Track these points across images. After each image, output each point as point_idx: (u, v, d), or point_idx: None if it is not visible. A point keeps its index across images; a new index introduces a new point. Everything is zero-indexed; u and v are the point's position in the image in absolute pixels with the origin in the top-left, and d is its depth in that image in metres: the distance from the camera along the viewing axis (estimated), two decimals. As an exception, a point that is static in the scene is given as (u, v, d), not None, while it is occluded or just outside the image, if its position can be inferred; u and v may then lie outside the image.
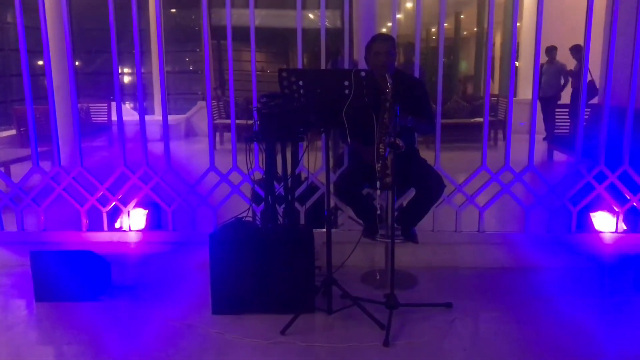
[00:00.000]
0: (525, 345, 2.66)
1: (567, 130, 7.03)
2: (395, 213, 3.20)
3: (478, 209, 3.64)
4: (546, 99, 8.18)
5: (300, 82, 2.69)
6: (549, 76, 8.50)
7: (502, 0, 11.78)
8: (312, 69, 5.06)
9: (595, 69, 3.62)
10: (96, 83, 12.25)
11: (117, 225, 3.75)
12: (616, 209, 3.60)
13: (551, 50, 8.46)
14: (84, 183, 3.72)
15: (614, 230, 3.62)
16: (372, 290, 3.23)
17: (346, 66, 3.61)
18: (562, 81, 8.79)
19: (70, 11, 3.60)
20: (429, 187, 3.18)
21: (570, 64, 8.65)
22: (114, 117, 6.76)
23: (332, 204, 3.42)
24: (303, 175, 3.65)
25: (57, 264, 3.15)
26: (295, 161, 3.26)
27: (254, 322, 2.86)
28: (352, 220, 3.56)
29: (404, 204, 3.49)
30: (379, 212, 3.35)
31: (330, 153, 3.17)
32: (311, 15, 11.20)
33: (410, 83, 3.31)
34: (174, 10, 13.01)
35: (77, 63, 12.15)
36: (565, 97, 8.72)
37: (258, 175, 3.56)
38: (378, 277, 3.44)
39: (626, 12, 3.45)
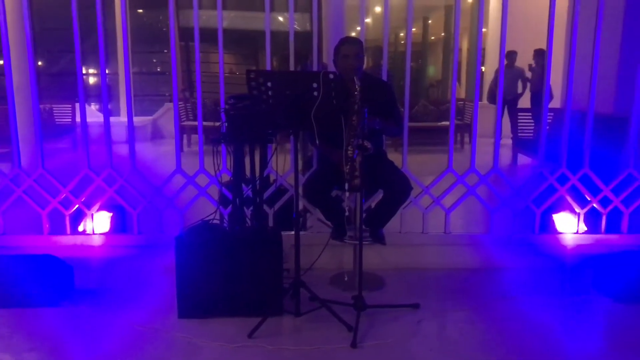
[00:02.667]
0: (490, 344, 2.71)
1: (531, 134, 7.20)
2: (364, 215, 3.21)
3: (444, 211, 3.69)
4: (505, 102, 8.36)
5: (269, 84, 2.68)
6: (507, 81, 8.68)
7: (469, 6, 12.01)
8: (281, 70, 5.05)
9: (553, 73, 3.70)
10: (60, 84, 11.98)
11: (80, 228, 3.67)
12: (577, 210, 3.70)
13: (510, 55, 8.64)
14: (46, 185, 3.63)
15: (575, 231, 3.72)
16: (341, 292, 3.24)
17: (315, 69, 3.62)
18: (521, 86, 8.99)
19: (32, 9, 3.51)
20: (397, 189, 3.21)
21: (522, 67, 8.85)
22: (79, 119, 6.63)
23: (300, 206, 3.42)
24: (272, 178, 3.64)
25: (17, 268, 3.06)
26: (264, 163, 3.24)
27: (221, 326, 2.83)
28: (321, 222, 3.57)
29: (372, 205, 3.51)
30: (347, 214, 3.36)
31: (299, 155, 3.16)
32: (280, 18, 11.20)
33: (378, 86, 3.33)
34: (141, 10, 12.82)
35: (40, 63, 11.87)
36: (525, 101, 8.92)
37: (226, 178, 3.53)
38: (346, 279, 3.45)
39: (587, 17, 3.55)
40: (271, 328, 2.78)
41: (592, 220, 3.74)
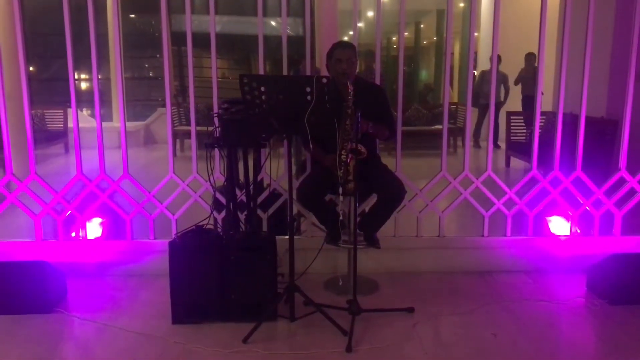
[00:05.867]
0: (485, 348, 2.70)
1: (524, 138, 7.24)
2: (358, 219, 3.21)
3: (438, 214, 3.70)
4: (488, 107, 8.42)
5: (262, 88, 2.68)
6: (491, 85, 8.74)
7: (461, 10, 12.08)
8: (274, 74, 5.06)
9: (545, 76, 3.73)
10: (52, 89, 11.94)
11: (73, 234, 3.65)
12: (570, 213, 3.72)
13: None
14: (38, 191, 3.60)
15: (569, 233, 3.73)
16: (335, 297, 3.23)
17: (308, 74, 3.62)
18: (503, 90, 9.05)
19: (24, 14, 3.49)
20: (391, 192, 3.21)
21: (513, 71, 8.90)
22: (70, 124, 6.60)
23: (294, 211, 3.41)
24: (265, 182, 3.63)
25: (9, 275, 3.04)
26: (257, 167, 3.24)
27: (215, 331, 2.82)
28: (315, 227, 3.56)
29: (366, 209, 3.51)
30: (341, 218, 3.36)
31: (293, 159, 3.16)
32: (273, 23, 11.22)
33: (371, 90, 3.34)
34: (133, 15, 12.80)
35: (32, 68, 11.81)
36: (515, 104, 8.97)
37: (219, 183, 3.52)
38: (340, 283, 3.45)
39: (578, 21, 3.58)
40: (266, 333, 2.77)
41: (585, 222, 3.76)
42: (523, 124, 7.37)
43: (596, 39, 3.59)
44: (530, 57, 8.73)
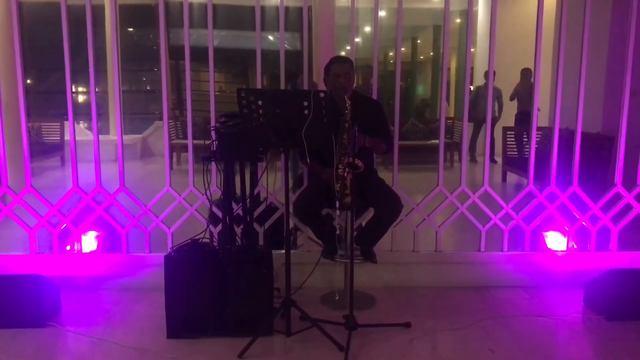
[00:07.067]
0: (482, 363, 2.69)
1: (519, 153, 7.27)
2: (354, 233, 3.20)
3: (435, 229, 3.69)
4: (482, 122, 8.45)
5: (260, 102, 2.68)
6: (485, 100, 8.80)
7: (457, 26, 12.19)
8: (271, 88, 5.07)
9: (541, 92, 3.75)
10: (49, 102, 11.94)
11: (68, 247, 3.62)
12: (566, 228, 3.72)
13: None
14: (34, 204, 3.59)
15: (565, 248, 3.73)
16: (331, 311, 3.21)
17: (305, 88, 3.63)
18: (497, 106, 9.10)
19: (22, 27, 3.50)
20: (388, 207, 3.20)
21: (509, 87, 8.95)
22: (67, 137, 6.58)
23: (291, 225, 3.40)
24: (262, 196, 3.62)
25: (3, 288, 3.01)
26: (254, 181, 3.23)
27: (210, 346, 2.79)
28: (312, 241, 3.55)
29: (363, 224, 3.50)
30: (338, 232, 3.35)
31: (290, 173, 3.16)
32: (271, 37, 11.28)
33: (368, 104, 3.35)
34: (131, 29, 12.86)
35: (30, 81, 11.82)
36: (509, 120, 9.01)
37: (216, 196, 3.51)
38: (337, 298, 3.43)
39: (574, 36, 3.61)
40: (262, 348, 2.75)
41: (581, 237, 3.76)
42: (519, 139, 7.40)
43: (592, 55, 3.62)
44: (526, 73, 8.79)
